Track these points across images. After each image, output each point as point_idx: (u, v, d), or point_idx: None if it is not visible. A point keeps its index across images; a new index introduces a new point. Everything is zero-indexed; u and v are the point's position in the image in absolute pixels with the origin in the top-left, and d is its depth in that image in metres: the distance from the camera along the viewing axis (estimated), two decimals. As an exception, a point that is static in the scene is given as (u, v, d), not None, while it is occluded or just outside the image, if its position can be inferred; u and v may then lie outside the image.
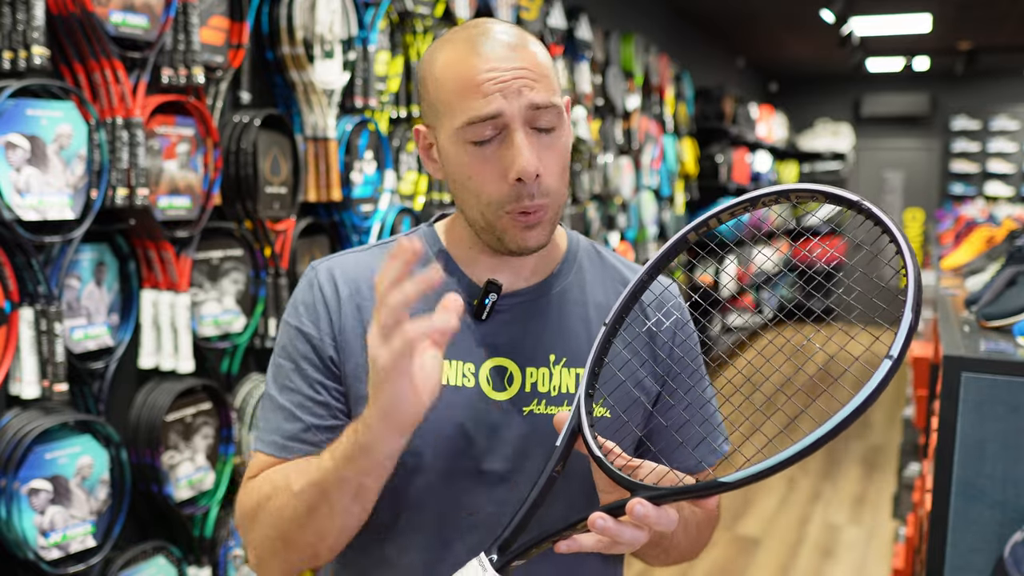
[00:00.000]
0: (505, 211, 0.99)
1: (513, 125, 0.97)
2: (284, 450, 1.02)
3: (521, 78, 0.97)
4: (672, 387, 1.10)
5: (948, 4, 6.43)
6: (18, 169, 1.66)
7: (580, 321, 1.09)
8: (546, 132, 0.99)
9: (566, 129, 1.02)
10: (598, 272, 1.14)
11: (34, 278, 1.71)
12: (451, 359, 1.03)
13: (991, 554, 1.44)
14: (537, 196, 0.98)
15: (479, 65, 0.97)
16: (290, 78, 2.35)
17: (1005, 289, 1.80)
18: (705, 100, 7.07)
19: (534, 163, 0.96)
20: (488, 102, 0.96)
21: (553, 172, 1.00)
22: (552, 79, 1.01)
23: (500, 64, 0.97)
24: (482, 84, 0.96)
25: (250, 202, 2.20)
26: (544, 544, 0.89)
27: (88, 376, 1.86)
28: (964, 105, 10.25)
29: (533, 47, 1.01)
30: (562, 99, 1.03)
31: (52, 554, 1.73)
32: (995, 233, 3.34)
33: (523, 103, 0.96)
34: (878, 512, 4.79)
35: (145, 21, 1.87)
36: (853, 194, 0.90)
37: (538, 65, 0.99)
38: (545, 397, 1.05)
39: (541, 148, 0.99)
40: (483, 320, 1.05)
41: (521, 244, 1.01)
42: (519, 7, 3.61)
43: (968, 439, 1.45)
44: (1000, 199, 9.65)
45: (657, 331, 1.11)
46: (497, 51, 0.98)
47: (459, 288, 1.06)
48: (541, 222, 1.00)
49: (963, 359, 1.46)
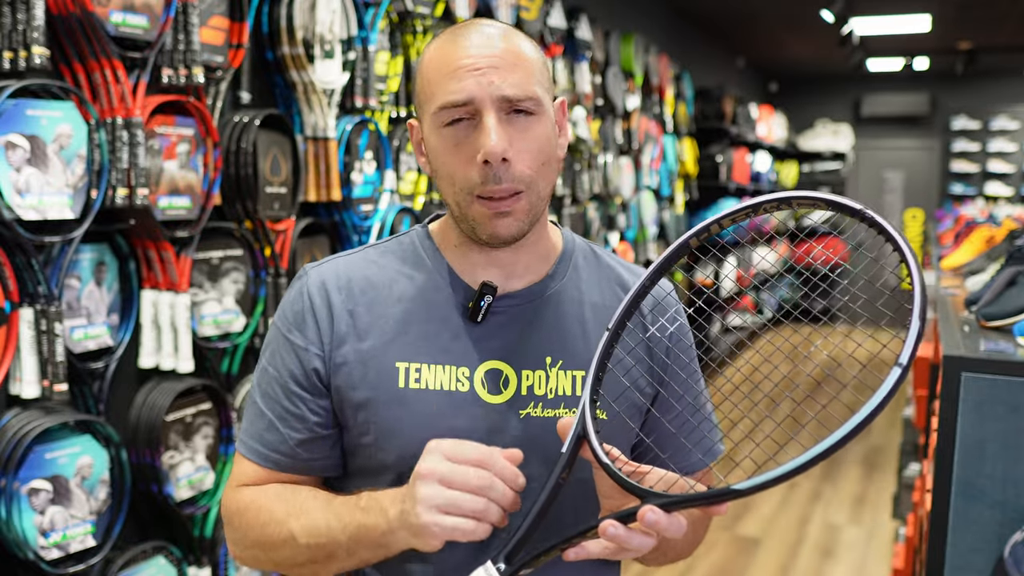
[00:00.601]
0: (475, 195, 0.98)
1: (485, 110, 0.97)
2: (267, 460, 1.05)
3: (495, 66, 0.97)
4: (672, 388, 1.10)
5: (948, 4, 6.43)
6: (18, 169, 1.66)
7: (577, 323, 1.08)
8: (522, 120, 0.99)
9: (546, 120, 1.01)
10: (594, 272, 1.13)
11: (34, 278, 1.71)
12: (445, 364, 1.03)
13: (991, 554, 1.44)
14: (505, 180, 0.97)
15: (456, 53, 0.98)
16: (290, 78, 2.35)
17: (1005, 289, 1.80)
18: (705, 100, 7.07)
19: (501, 146, 0.96)
20: (461, 88, 0.97)
21: (526, 159, 0.98)
22: (532, 71, 1.01)
23: (476, 52, 0.98)
24: (456, 70, 0.97)
25: (250, 202, 2.20)
26: (553, 552, 0.89)
27: (88, 376, 1.86)
28: (964, 105, 10.25)
29: (517, 41, 1.01)
30: (546, 92, 1.02)
31: (52, 554, 1.73)
32: (995, 233, 3.34)
33: (495, 89, 0.97)
34: (878, 512, 4.79)
35: (145, 21, 1.87)
36: (856, 203, 0.90)
37: (517, 56, 0.99)
38: (542, 400, 1.04)
39: (515, 134, 0.98)
40: (478, 323, 1.04)
41: (491, 232, 1.00)
42: (519, 7, 3.61)
43: (968, 439, 1.45)
44: (1000, 199, 9.65)
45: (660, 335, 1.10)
46: (476, 41, 0.99)
47: (453, 290, 1.05)
48: (512, 211, 0.99)
49: (963, 359, 1.46)
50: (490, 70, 0.97)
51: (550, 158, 1.02)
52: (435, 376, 1.02)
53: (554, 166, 1.03)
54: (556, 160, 1.04)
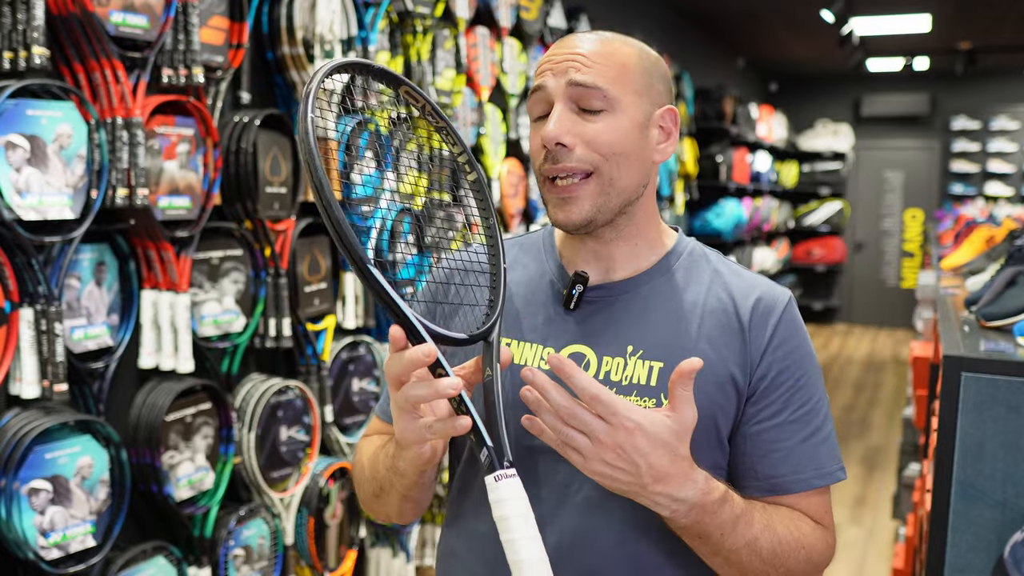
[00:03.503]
0: (544, 177, 1.09)
1: (556, 100, 1.07)
2: (383, 413, 1.25)
3: (572, 61, 1.07)
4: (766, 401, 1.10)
5: (948, 4, 6.43)
6: (18, 169, 1.66)
7: (667, 317, 1.11)
8: (593, 115, 1.07)
9: (622, 117, 1.07)
10: (702, 275, 1.15)
11: (34, 278, 1.71)
12: (533, 342, 1.11)
13: (991, 554, 1.44)
14: (563, 160, 1.06)
15: (547, 55, 1.11)
16: (290, 78, 2.35)
17: (1005, 289, 1.80)
18: (705, 100, 7.06)
19: (557, 130, 1.05)
20: (538, 79, 1.09)
21: (591, 143, 1.06)
22: (621, 71, 1.08)
23: (561, 51, 1.09)
24: (542, 65, 1.10)
25: (250, 202, 2.20)
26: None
27: (88, 376, 1.86)
28: (964, 105, 10.25)
29: (616, 45, 1.09)
30: (634, 93, 1.08)
31: (52, 554, 1.73)
32: (995, 233, 3.34)
33: (565, 79, 1.06)
34: (878, 512, 4.79)
35: (145, 21, 1.87)
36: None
37: (608, 56, 1.07)
38: (616, 386, 1.08)
39: (582, 123, 1.07)
40: (571, 310, 1.12)
41: (557, 217, 1.09)
42: (519, 7, 3.61)
43: (968, 439, 1.45)
44: (1000, 199, 9.65)
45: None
46: (567, 42, 1.10)
47: (556, 279, 1.16)
48: (577, 196, 1.07)
49: (963, 359, 1.46)
50: (567, 63, 1.07)
51: (627, 151, 1.08)
52: (522, 352, 1.12)
53: (634, 162, 1.09)
54: (638, 158, 1.10)
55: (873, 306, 10.90)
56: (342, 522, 2.57)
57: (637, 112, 1.09)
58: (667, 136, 1.13)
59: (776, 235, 9.71)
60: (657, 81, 1.12)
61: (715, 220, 6.86)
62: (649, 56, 1.12)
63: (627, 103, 1.08)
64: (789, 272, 10.35)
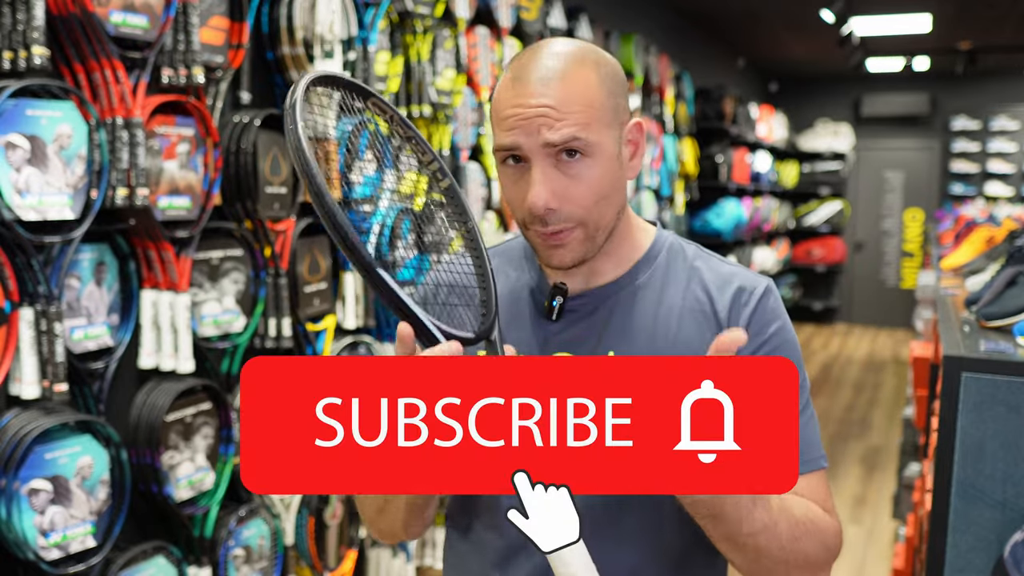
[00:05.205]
0: (529, 230, 1.07)
1: (532, 159, 1.03)
2: None
3: (542, 116, 1.01)
4: None
5: (948, 4, 6.43)
6: (18, 169, 1.66)
7: (646, 320, 1.11)
8: (574, 163, 1.03)
9: (601, 159, 1.05)
10: (679, 273, 1.15)
11: (34, 278, 1.71)
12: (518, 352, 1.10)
13: (991, 554, 1.44)
14: (552, 223, 1.04)
15: (509, 99, 1.04)
16: (290, 78, 2.35)
17: (1005, 289, 1.80)
18: (705, 100, 7.06)
19: (543, 198, 1.02)
20: (509, 135, 1.03)
21: (576, 200, 1.04)
22: (589, 109, 1.03)
23: (527, 100, 1.02)
24: (507, 118, 1.04)
25: (250, 202, 2.20)
26: None
27: (88, 376, 1.86)
28: (964, 105, 10.25)
29: (579, 75, 1.03)
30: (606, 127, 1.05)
31: (52, 554, 1.73)
32: (995, 233, 3.34)
33: (540, 140, 1.02)
34: (878, 512, 4.79)
35: (145, 21, 1.87)
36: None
37: (573, 95, 1.02)
38: None
39: (566, 179, 1.03)
40: (554, 320, 1.13)
41: (549, 261, 1.09)
42: (519, 7, 3.61)
43: (968, 439, 1.45)
44: (1000, 199, 9.65)
45: None
46: (531, 86, 1.03)
47: (538, 290, 1.16)
48: (566, 243, 1.06)
49: (963, 359, 1.46)
50: (538, 119, 1.01)
51: (608, 192, 1.06)
52: None
53: (614, 197, 1.08)
54: (617, 190, 1.08)
55: (873, 306, 10.90)
56: (342, 522, 2.57)
57: (611, 144, 1.06)
58: (635, 148, 1.11)
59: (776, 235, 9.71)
60: (620, 96, 1.08)
61: (715, 220, 6.86)
62: (607, 68, 1.07)
63: (601, 140, 1.05)
64: (789, 272, 10.35)
